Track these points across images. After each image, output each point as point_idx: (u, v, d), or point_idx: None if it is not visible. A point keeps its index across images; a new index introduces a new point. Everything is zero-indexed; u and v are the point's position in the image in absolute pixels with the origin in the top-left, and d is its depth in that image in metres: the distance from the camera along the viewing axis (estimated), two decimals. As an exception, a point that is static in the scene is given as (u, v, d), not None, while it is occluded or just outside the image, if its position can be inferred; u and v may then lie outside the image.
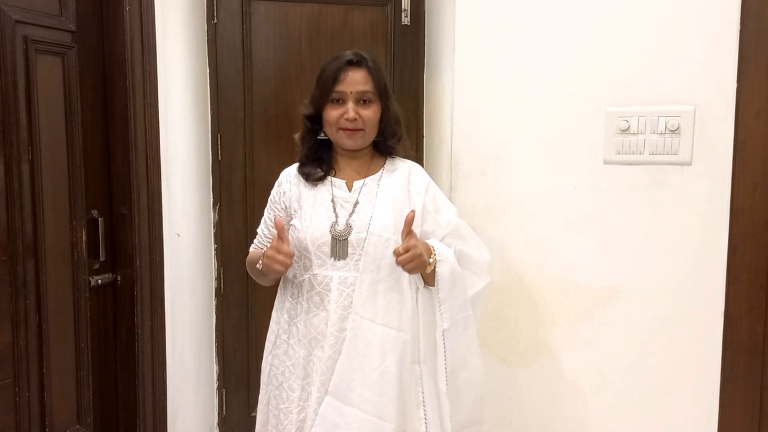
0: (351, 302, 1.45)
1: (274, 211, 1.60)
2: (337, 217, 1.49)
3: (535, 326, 1.87)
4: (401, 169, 1.58)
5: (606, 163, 1.76)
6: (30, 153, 1.61)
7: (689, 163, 1.68)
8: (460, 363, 1.52)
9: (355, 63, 1.45)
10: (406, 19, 2.41)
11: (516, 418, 1.91)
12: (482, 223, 1.88)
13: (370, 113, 1.47)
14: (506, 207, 1.86)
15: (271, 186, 1.87)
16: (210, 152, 2.40)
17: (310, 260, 1.49)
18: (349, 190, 1.54)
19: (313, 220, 1.50)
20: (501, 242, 1.87)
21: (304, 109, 1.55)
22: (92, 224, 1.83)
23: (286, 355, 1.53)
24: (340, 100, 1.46)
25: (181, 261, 2.11)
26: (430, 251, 1.45)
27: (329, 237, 1.47)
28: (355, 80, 1.44)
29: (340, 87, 1.44)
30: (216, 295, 2.45)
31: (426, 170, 2.37)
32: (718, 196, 1.65)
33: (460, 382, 1.52)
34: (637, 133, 1.72)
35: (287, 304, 1.55)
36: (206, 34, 2.34)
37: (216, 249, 2.44)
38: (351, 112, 1.44)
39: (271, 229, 1.60)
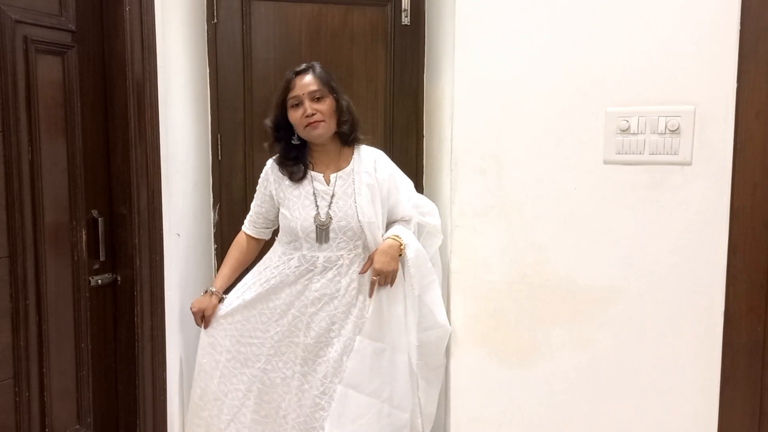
0: (333, 275, 1.83)
1: (262, 196, 1.94)
2: (318, 208, 1.82)
3: (535, 326, 1.87)
4: (368, 159, 1.90)
5: (606, 163, 1.76)
6: (30, 153, 1.61)
7: (689, 163, 1.68)
8: (431, 322, 1.88)
9: (302, 71, 1.80)
10: (406, 19, 2.41)
11: (516, 418, 1.91)
12: (482, 223, 1.88)
13: (325, 106, 1.79)
14: (506, 207, 1.86)
15: (271, 186, 1.89)
16: (210, 152, 2.40)
17: (301, 244, 1.85)
18: (327, 183, 1.86)
19: (301, 212, 1.83)
20: (501, 242, 1.87)
21: (269, 121, 1.89)
22: (92, 224, 1.83)
23: (265, 305, 1.89)
24: (298, 104, 1.79)
25: (181, 261, 2.11)
26: (386, 257, 1.81)
27: (314, 226, 1.81)
28: (304, 84, 1.78)
29: (294, 93, 1.78)
30: (216, 295, 2.45)
31: (426, 170, 2.40)
32: (718, 196, 1.66)
33: (433, 337, 1.90)
34: (637, 133, 1.72)
35: (267, 274, 1.88)
36: (206, 34, 2.34)
37: (216, 249, 2.44)
38: (309, 109, 1.77)
39: (259, 209, 1.96)
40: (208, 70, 2.36)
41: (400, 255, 1.83)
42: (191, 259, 2.22)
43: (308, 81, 1.78)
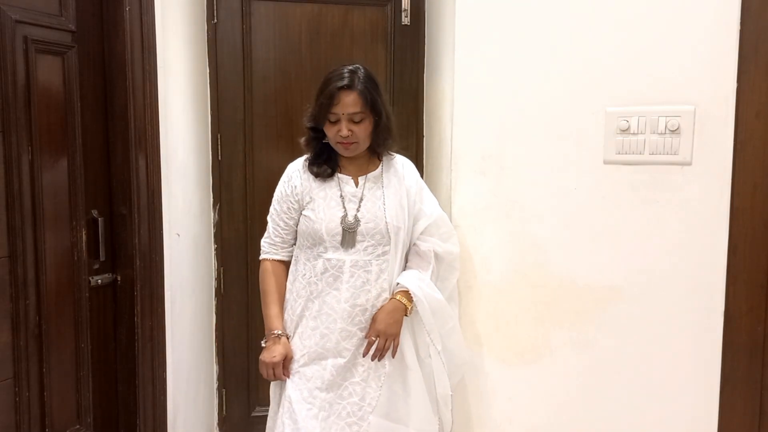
0: (362, 282, 1.71)
1: (288, 203, 1.78)
2: (346, 211, 1.73)
3: (535, 326, 1.87)
4: (396, 165, 1.83)
5: (606, 163, 1.76)
6: (30, 153, 1.61)
7: (689, 163, 1.68)
8: (454, 367, 1.83)
9: (347, 87, 1.66)
10: (406, 19, 2.41)
11: (516, 418, 1.91)
12: (482, 223, 1.89)
13: (361, 129, 1.69)
14: (506, 207, 1.86)
15: (271, 185, 1.88)
16: (210, 152, 2.40)
17: (325, 247, 1.72)
18: (356, 185, 1.77)
19: (326, 213, 1.73)
20: (501, 242, 1.87)
21: (307, 122, 1.76)
22: (92, 224, 1.83)
23: (305, 331, 1.75)
24: (336, 120, 1.68)
25: (181, 261, 2.11)
26: (390, 318, 1.69)
27: (341, 228, 1.71)
28: (346, 104, 1.66)
29: (334, 110, 1.66)
30: (216, 295, 2.45)
31: (426, 170, 2.40)
32: (718, 196, 1.65)
33: (459, 376, 1.89)
34: (637, 133, 1.72)
35: (297, 285, 1.76)
36: (206, 34, 2.34)
37: (216, 249, 2.44)
38: (344, 131, 1.67)
39: (286, 221, 1.80)
40: (208, 70, 2.36)
41: (407, 315, 1.71)
42: (191, 259, 2.22)
43: (351, 101, 1.66)
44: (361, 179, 1.78)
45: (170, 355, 2.03)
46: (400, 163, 1.84)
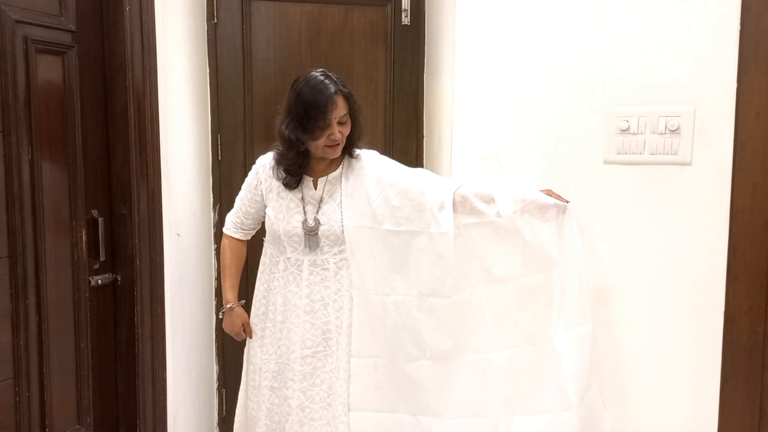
0: (320, 278, 1.79)
1: (251, 194, 1.87)
2: (305, 214, 1.79)
3: (535, 326, 1.86)
4: (358, 162, 1.83)
5: (606, 163, 1.76)
6: (30, 153, 1.61)
7: (689, 163, 1.68)
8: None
9: (336, 93, 1.69)
10: (406, 19, 2.41)
11: (516, 418, 1.91)
12: (482, 223, 1.88)
13: (347, 129, 1.75)
14: (506, 207, 1.86)
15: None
16: (210, 152, 2.40)
17: (284, 246, 1.81)
18: (315, 188, 1.81)
19: (285, 215, 1.80)
20: (501, 242, 1.87)
21: (294, 134, 1.72)
22: (92, 224, 1.83)
23: (265, 316, 1.87)
24: (326, 126, 1.70)
25: (181, 261, 2.11)
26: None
27: (301, 231, 1.78)
28: (338, 107, 1.70)
29: (330, 116, 1.68)
30: (216, 295, 2.45)
31: (426, 170, 2.39)
32: (718, 196, 1.66)
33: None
34: (637, 133, 1.72)
35: (265, 276, 1.88)
36: (206, 34, 2.34)
37: (216, 249, 2.44)
38: (337, 135, 1.71)
39: (246, 209, 1.90)
40: (208, 70, 2.36)
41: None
42: (191, 259, 2.22)
43: (341, 105, 1.70)
44: (321, 181, 1.81)
45: (170, 355, 2.03)
46: (364, 159, 1.84)
